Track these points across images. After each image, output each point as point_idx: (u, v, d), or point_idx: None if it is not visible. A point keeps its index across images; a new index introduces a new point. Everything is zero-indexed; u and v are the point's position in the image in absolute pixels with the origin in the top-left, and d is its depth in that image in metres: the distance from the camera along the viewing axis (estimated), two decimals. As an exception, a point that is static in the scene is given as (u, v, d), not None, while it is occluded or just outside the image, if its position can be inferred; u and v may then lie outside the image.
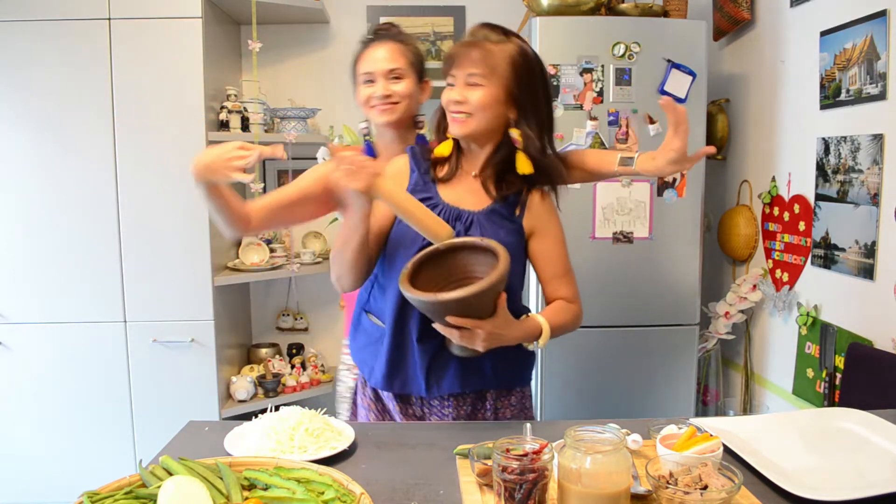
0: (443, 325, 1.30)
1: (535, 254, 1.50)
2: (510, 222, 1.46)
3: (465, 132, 1.43)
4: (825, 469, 1.12)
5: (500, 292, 1.30)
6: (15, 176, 2.59)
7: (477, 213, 1.45)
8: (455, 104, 1.40)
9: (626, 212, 2.61)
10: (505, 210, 1.46)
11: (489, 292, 1.25)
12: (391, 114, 1.60)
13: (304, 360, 3.15)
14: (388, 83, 1.59)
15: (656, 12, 2.66)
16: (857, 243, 2.15)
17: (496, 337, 1.32)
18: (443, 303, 1.25)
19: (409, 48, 1.64)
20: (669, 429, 1.15)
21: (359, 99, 1.64)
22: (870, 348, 2.04)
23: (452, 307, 1.26)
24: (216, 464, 1.01)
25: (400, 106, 1.60)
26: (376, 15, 3.17)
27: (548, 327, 1.40)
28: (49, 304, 2.64)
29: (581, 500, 0.93)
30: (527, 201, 1.48)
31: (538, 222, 1.48)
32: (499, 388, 1.50)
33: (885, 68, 2.01)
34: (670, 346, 2.69)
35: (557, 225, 1.51)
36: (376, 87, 1.59)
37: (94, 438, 2.68)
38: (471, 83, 1.40)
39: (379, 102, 1.59)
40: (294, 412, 1.24)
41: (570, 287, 1.51)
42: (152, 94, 2.58)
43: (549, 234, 1.49)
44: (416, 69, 1.64)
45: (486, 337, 1.30)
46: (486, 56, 1.40)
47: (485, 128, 1.42)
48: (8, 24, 2.52)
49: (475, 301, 1.25)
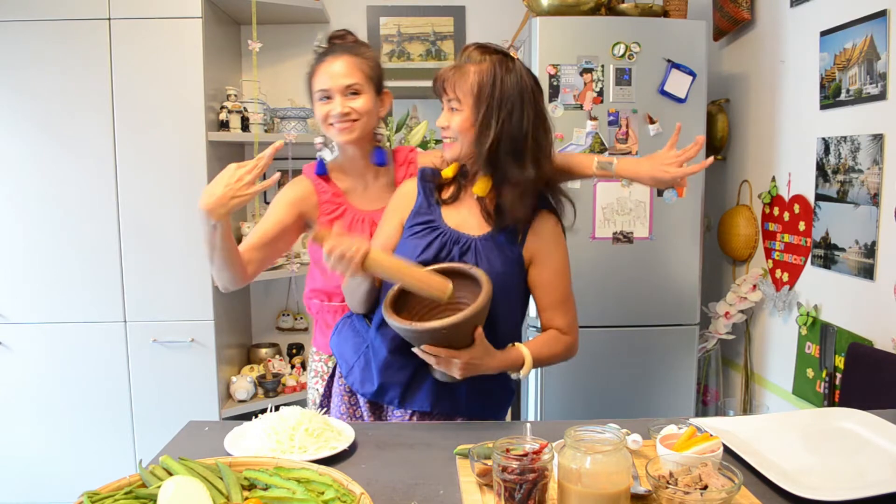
0: (421, 351, 1.34)
1: (533, 282, 1.49)
2: (509, 251, 1.45)
3: (453, 156, 1.45)
4: (825, 469, 1.12)
5: (477, 324, 1.32)
6: (15, 176, 2.59)
7: (477, 239, 1.45)
8: (442, 130, 1.43)
9: (626, 212, 2.61)
10: (505, 237, 1.45)
11: (466, 324, 1.28)
12: (350, 132, 1.56)
13: (304, 360, 3.15)
14: (346, 100, 1.54)
15: (656, 12, 2.66)
16: (857, 243, 2.14)
17: (473, 367, 1.34)
18: (419, 332, 1.29)
19: (366, 60, 1.59)
20: (669, 429, 1.15)
21: (316, 116, 1.59)
22: (870, 348, 2.03)
23: (429, 337, 1.30)
24: (216, 464, 1.01)
25: (359, 123, 1.56)
26: (376, 15, 3.17)
27: (530, 359, 1.41)
28: (49, 304, 2.64)
29: (581, 500, 0.93)
30: (528, 228, 1.45)
31: (540, 250, 1.47)
32: (469, 416, 1.48)
33: (885, 68, 2.01)
34: (670, 346, 2.69)
35: (560, 254, 1.50)
36: (333, 105, 1.54)
37: (94, 438, 2.68)
38: (451, 108, 1.41)
39: (337, 120, 1.55)
40: (294, 412, 1.24)
41: (565, 317, 1.50)
42: (152, 94, 2.58)
43: (550, 264, 1.48)
44: (375, 82, 1.60)
45: (463, 367, 1.33)
46: (461, 79, 1.38)
47: (467, 151, 1.42)
48: (8, 24, 2.52)
49: (451, 332, 1.28)
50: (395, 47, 3.19)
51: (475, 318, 1.28)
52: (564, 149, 2.55)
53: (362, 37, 3.11)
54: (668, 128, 2.60)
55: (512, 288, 1.45)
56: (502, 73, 1.37)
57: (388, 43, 3.19)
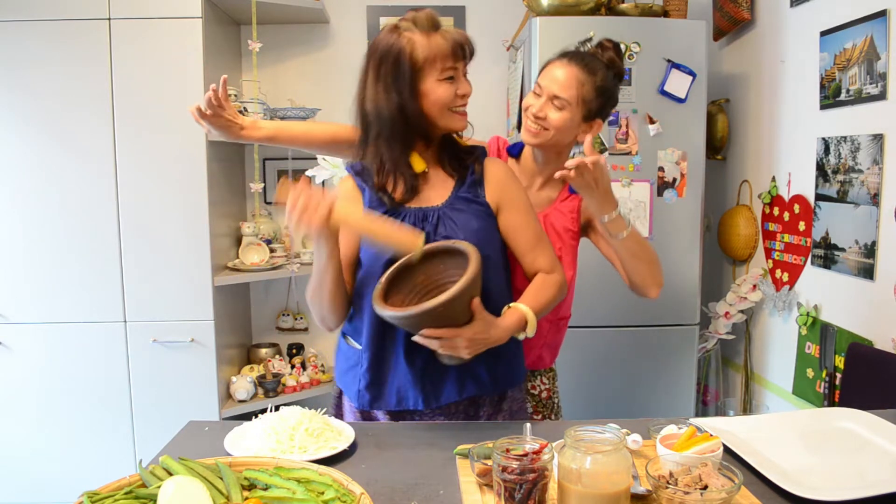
0: (422, 337, 1.26)
1: (505, 229, 1.45)
2: (477, 204, 1.42)
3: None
4: (825, 469, 1.12)
5: (473, 296, 1.25)
6: (15, 176, 2.59)
7: (442, 208, 1.40)
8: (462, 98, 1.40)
9: (626, 212, 2.61)
10: (469, 193, 1.42)
11: (461, 298, 1.22)
12: (535, 137, 1.56)
13: (304, 360, 3.15)
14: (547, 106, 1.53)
15: (656, 12, 2.66)
16: (857, 243, 2.14)
17: (478, 342, 1.28)
18: (413, 317, 1.22)
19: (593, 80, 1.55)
20: (669, 429, 1.15)
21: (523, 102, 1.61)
22: (870, 348, 2.03)
23: (425, 319, 1.23)
24: (216, 464, 1.01)
25: (548, 133, 1.54)
26: (376, 15, 3.17)
27: (532, 315, 1.35)
28: (49, 304, 2.64)
29: (581, 500, 0.93)
30: (484, 177, 1.44)
31: (503, 194, 1.44)
32: (495, 391, 1.45)
33: (885, 68, 2.01)
34: (670, 346, 2.69)
35: (521, 193, 1.47)
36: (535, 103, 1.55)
37: (94, 438, 2.68)
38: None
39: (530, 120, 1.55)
40: (294, 412, 1.24)
41: (545, 256, 1.45)
42: (152, 94, 2.58)
43: (515, 205, 1.45)
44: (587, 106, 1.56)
45: (468, 344, 1.26)
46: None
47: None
48: (8, 24, 2.52)
49: (447, 310, 1.21)
50: (395, 47, 3.19)
51: (469, 290, 1.22)
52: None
53: (362, 37, 3.17)
54: (668, 128, 2.60)
55: (493, 241, 1.42)
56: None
57: (388, 43, 3.19)
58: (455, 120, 1.39)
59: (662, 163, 2.61)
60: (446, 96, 1.34)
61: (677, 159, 2.61)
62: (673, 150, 2.61)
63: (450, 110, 1.37)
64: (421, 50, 1.32)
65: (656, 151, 2.61)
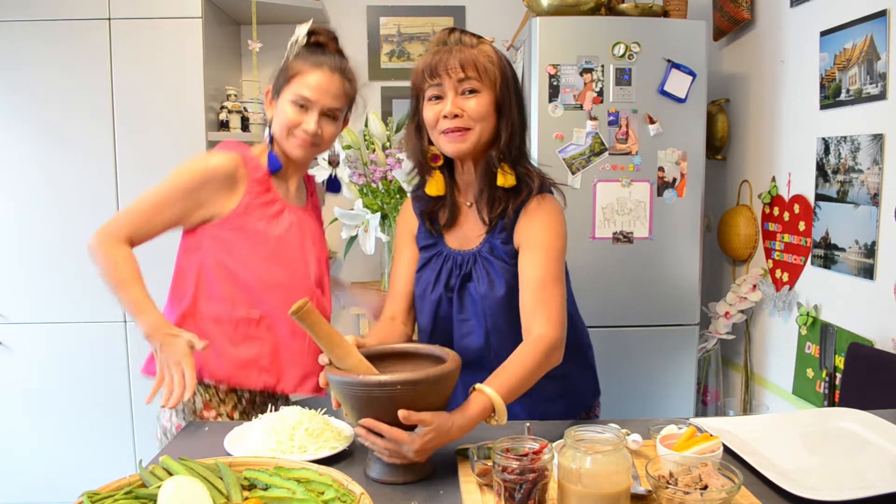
0: (362, 428, 1.08)
1: (519, 269, 1.32)
2: (505, 254, 1.34)
3: (468, 147, 1.30)
4: (825, 469, 1.12)
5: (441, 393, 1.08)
6: (15, 176, 2.59)
7: (476, 252, 1.37)
8: (446, 120, 1.28)
9: (626, 212, 2.61)
10: (500, 237, 1.35)
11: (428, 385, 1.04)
12: (310, 152, 1.49)
13: (304, 360, 3.14)
14: (322, 120, 1.46)
15: (656, 12, 2.66)
16: (857, 243, 2.14)
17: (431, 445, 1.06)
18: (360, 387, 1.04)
19: (353, 87, 1.52)
20: (669, 429, 1.15)
21: (280, 116, 1.47)
22: (870, 348, 2.03)
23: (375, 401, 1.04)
24: (216, 464, 1.01)
25: (320, 149, 1.51)
26: (376, 15, 3.17)
27: (498, 398, 1.12)
28: (49, 304, 2.64)
29: (581, 500, 0.93)
30: (515, 218, 1.34)
31: (525, 234, 1.33)
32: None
33: (885, 68, 2.01)
34: (670, 346, 2.69)
35: (542, 232, 1.31)
36: (307, 119, 1.45)
37: (94, 438, 2.68)
38: (464, 91, 1.28)
39: (305, 137, 1.46)
40: (294, 412, 1.24)
41: (542, 308, 1.25)
42: (152, 94, 2.58)
43: (530, 243, 1.32)
44: (348, 109, 1.55)
45: (419, 449, 1.05)
46: (479, 58, 1.28)
47: (485, 140, 1.31)
48: (8, 24, 2.52)
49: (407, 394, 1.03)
50: (395, 47, 3.19)
51: (440, 381, 1.06)
52: (564, 149, 2.55)
53: (362, 37, 3.16)
54: (668, 128, 2.60)
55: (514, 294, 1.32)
56: (506, 57, 1.34)
57: (388, 43, 3.19)
58: (442, 142, 1.33)
59: (662, 163, 2.61)
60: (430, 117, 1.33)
61: (677, 159, 2.61)
62: (673, 150, 2.61)
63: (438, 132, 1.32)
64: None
65: (656, 151, 2.61)
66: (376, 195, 2.72)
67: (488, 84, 1.29)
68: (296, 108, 1.45)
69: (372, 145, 2.74)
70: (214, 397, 1.49)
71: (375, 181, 2.68)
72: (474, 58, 1.28)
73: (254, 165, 1.49)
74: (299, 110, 1.45)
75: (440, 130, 1.31)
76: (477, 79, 1.28)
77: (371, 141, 2.75)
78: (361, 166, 2.71)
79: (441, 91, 1.29)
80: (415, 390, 1.03)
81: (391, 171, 2.65)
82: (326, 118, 1.47)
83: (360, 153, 2.74)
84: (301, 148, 1.47)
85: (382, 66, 3.18)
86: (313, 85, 1.45)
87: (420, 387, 1.04)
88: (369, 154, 2.71)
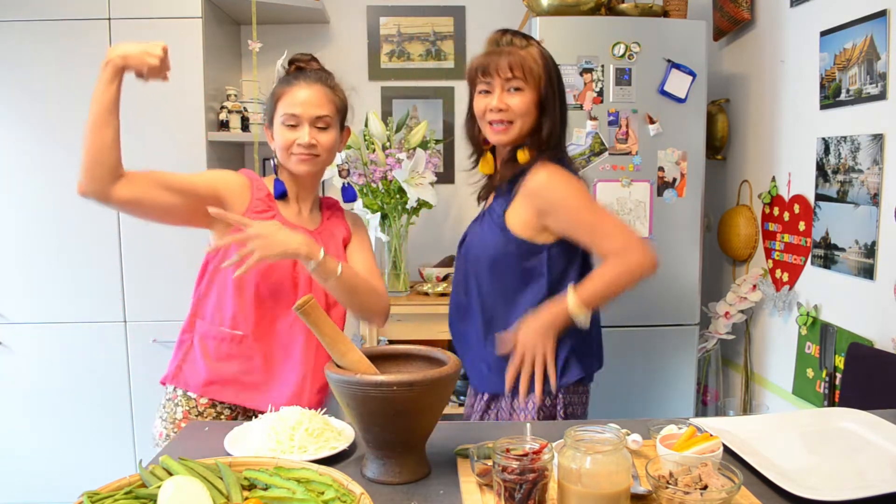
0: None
1: (564, 235, 1.48)
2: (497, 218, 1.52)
3: (510, 139, 1.48)
4: (825, 469, 1.12)
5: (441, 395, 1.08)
6: (15, 176, 2.59)
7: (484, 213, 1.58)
8: (496, 112, 1.46)
9: (626, 212, 2.61)
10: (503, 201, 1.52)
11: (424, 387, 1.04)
12: (311, 165, 1.51)
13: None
14: (314, 131, 1.49)
15: (656, 12, 2.66)
16: (857, 243, 2.14)
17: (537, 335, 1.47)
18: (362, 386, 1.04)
19: (338, 95, 1.56)
20: (669, 429, 1.15)
21: (277, 141, 1.52)
22: (870, 348, 2.03)
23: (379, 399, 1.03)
24: (216, 464, 1.01)
25: (320, 159, 1.52)
26: (376, 15, 3.17)
27: (573, 295, 1.44)
28: (49, 304, 2.64)
29: (581, 500, 0.93)
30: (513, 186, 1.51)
31: (543, 201, 1.47)
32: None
33: (885, 68, 2.01)
34: (670, 346, 2.69)
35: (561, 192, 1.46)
36: (301, 134, 1.48)
37: (94, 438, 2.68)
38: (510, 89, 1.45)
39: (302, 151, 1.49)
40: (294, 412, 1.24)
41: (610, 240, 1.44)
42: (152, 94, 2.56)
43: (558, 207, 1.47)
44: (342, 117, 1.57)
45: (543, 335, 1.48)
46: (526, 59, 1.45)
47: (525, 133, 1.48)
48: (8, 24, 2.52)
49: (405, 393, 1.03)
50: (395, 47, 3.19)
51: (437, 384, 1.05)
52: (564, 149, 2.55)
53: (362, 37, 3.16)
54: (668, 128, 2.60)
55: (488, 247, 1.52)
56: (551, 58, 1.52)
57: (388, 43, 3.19)
58: (488, 131, 1.53)
59: (662, 163, 2.61)
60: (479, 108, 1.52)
61: (677, 159, 2.61)
62: (673, 150, 2.61)
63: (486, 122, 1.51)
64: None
65: (656, 151, 2.61)
66: (376, 195, 2.72)
67: (533, 83, 1.46)
68: (287, 127, 1.51)
69: (372, 145, 2.74)
70: (194, 409, 1.53)
71: (375, 181, 2.68)
72: (522, 59, 1.45)
73: (258, 186, 1.55)
74: (291, 129, 1.51)
75: (487, 121, 1.49)
76: (522, 78, 1.45)
77: (371, 141, 2.75)
78: (361, 166, 2.71)
79: (490, 87, 1.47)
80: (411, 391, 1.03)
81: (391, 171, 2.65)
82: (318, 129, 1.51)
83: (360, 153, 2.74)
84: (302, 163, 1.51)
85: (382, 66, 3.18)
86: (297, 101, 1.50)
87: (416, 388, 1.04)
88: (369, 154, 2.71)
